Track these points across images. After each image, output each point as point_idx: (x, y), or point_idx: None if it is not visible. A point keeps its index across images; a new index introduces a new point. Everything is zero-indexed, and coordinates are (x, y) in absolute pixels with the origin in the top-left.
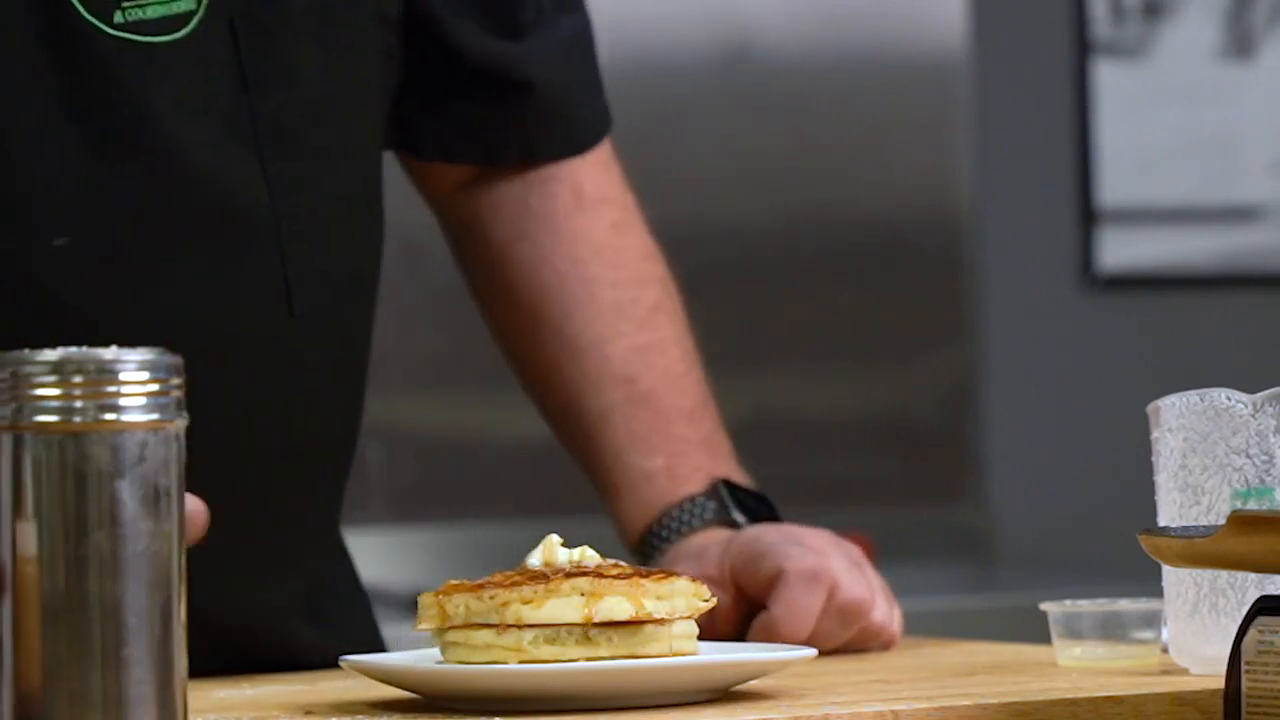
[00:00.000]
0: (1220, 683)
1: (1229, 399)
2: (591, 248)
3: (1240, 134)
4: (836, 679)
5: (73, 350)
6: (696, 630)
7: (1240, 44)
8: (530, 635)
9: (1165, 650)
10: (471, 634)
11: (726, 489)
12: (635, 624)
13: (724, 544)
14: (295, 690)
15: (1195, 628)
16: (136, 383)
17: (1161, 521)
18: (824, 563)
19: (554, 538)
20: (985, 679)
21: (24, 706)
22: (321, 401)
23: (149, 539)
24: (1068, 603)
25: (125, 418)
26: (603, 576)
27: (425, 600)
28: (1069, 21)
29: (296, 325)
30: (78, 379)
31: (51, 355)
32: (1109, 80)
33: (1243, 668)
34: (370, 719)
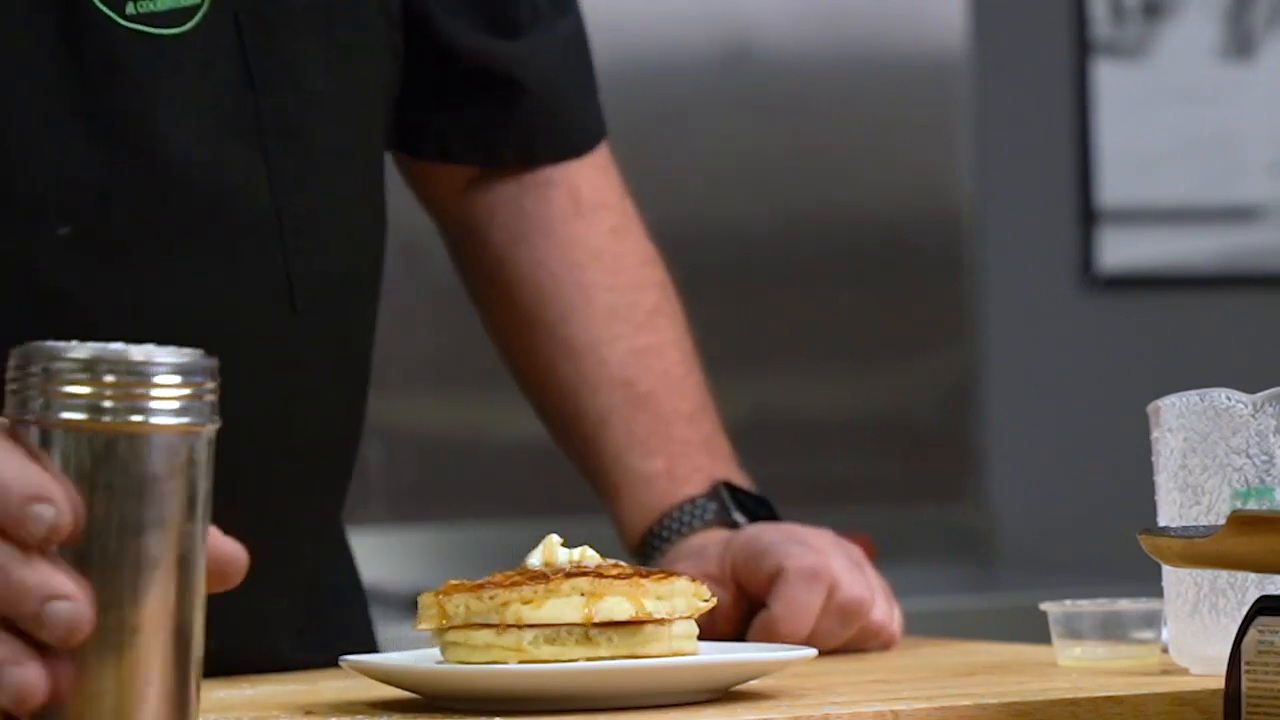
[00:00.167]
0: (1220, 683)
1: (1229, 399)
2: (589, 252)
3: (1240, 134)
4: (836, 679)
5: (107, 348)
6: (696, 630)
7: (1240, 44)
8: (530, 635)
9: (1165, 650)
10: (471, 634)
11: (727, 490)
12: (635, 624)
13: (724, 542)
14: (295, 690)
15: (1195, 628)
16: (169, 385)
17: (1161, 521)
18: (824, 561)
19: (554, 538)
20: (985, 679)
21: (46, 706)
22: (324, 400)
23: (173, 541)
24: (1068, 603)
25: (155, 420)
26: (603, 576)
27: (425, 600)
28: (1069, 21)
29: (299, 322)
30: (109, 378)
31: (84, 352)
32: (1109, 80)
33: (1243, 668)
34: (370, 719)
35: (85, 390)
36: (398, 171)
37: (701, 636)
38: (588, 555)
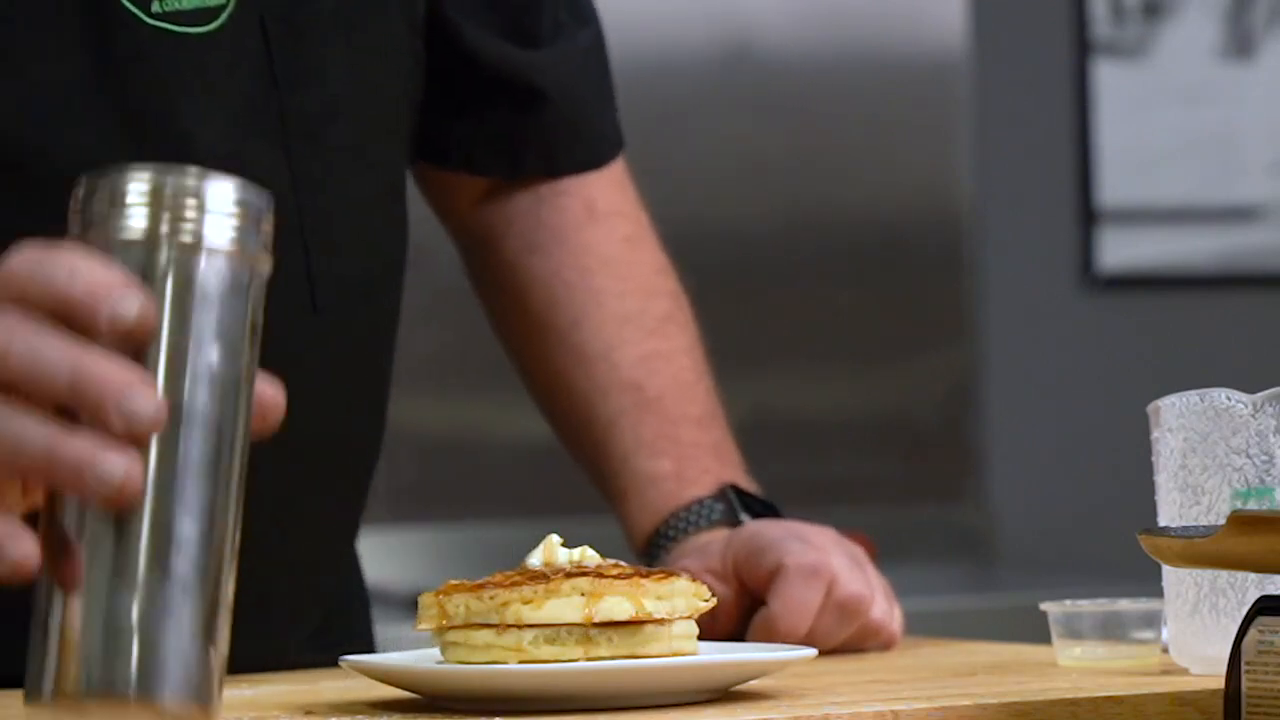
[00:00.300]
0: (1220, 683)
1: (1229, 399)
2: (601, 259)
3: (1240, 134)
4: (836, 679)
5: (170, 170)
6: (696, 630)
7: (1240, 44)
8: (530, 635)
9: (1165, 650)
10: (471, 634)
11: (735, 494)
12: (635, 624)
13: (727, 538)
14: (295, 690)
15: (1195, 628)
16: (230, 212)
17: (1161, 521)
18: (824, 559)
19: (554, 538)
20: (985, 679)
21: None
22: (343, 403)
23: (231, 361)
24: (1068, 603)
25: (214, 243)
26: (603, 576)
27: (425, 600)
28: (1069, 21)
29: (319, 322)
30: (172, 201)
31: (148, 174)
32: (1109, 80)
33: (1243, 668)
34: (370, 719)
35: (148, 211)
36: (415, 183)
37: (703, 630)
38: (588, 555)
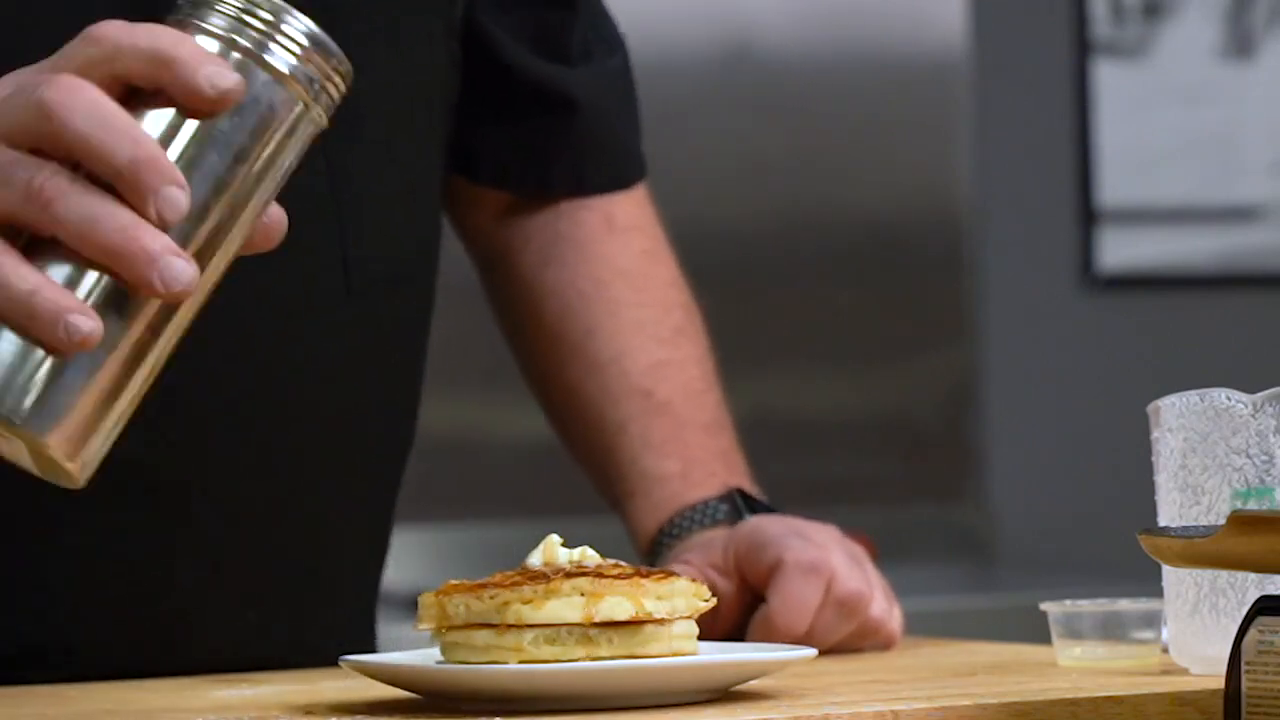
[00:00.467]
0: (1220, 683)
1: (1229, 399)
2: (617, 271)
3: (1240, 134)
4: (836, 679)
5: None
6: (696, 630)
7: (1240, 44)
8: (530, 635)
9: (1165, 650)
10: (471, 634)
11: (741, 497)
12: (635, 624)
13: (729, 533)
14: (295, 690)
15: (1195, 628)
16: (305, 47)
17: (1161, 521)
18: (823, 555)
19: (554, 538)
20: (985, 679)
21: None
22: (375, 395)
23: (263, 176)
24: (1068, 603)
25: (279, 65)
26: (603, 576)
27: (425, 600)
28: (1069, 21)
29: (353, 304)
30: (258, 12)
31: None
32: (1109, 80)
33: (1243, 668)
34: (370, 719)
35: (232, 15)
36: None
37: (705, 626)
38: (588, 555)
